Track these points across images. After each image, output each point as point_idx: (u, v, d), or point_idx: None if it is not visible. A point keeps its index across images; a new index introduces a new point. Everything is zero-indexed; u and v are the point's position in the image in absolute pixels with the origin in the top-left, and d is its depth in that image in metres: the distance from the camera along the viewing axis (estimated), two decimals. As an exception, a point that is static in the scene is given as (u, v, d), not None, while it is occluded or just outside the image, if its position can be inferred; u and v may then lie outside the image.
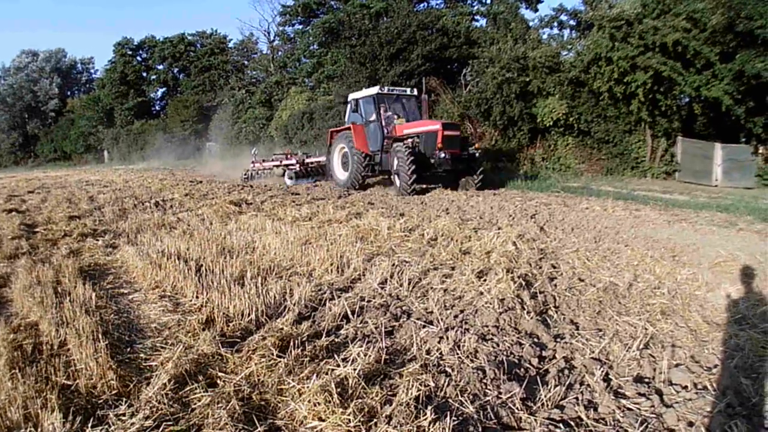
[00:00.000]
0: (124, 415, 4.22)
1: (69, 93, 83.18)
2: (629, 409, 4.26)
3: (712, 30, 21.58)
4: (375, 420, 4.02)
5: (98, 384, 4.74)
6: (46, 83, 78.12)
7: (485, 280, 7.36)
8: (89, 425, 4.06)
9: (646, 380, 4.73)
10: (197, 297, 7.10)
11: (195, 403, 4.40)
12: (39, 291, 7.40)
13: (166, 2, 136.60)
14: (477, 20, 42.36)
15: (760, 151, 23.57)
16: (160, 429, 4.00)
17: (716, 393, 4.40)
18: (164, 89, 77.46)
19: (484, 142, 28.35)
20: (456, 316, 6.19)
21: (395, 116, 21.72)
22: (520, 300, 6.64)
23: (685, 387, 4.55)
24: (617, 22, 23.22)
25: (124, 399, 4.51)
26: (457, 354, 5.16)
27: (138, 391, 4.62)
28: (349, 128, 21.84)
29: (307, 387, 4.40)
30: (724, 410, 4.14)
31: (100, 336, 5.54)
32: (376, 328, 5.83)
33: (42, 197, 21.00)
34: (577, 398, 4.38)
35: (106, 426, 4.07)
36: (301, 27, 53.02)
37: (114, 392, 4.65)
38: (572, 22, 29.80)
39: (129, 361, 5.38)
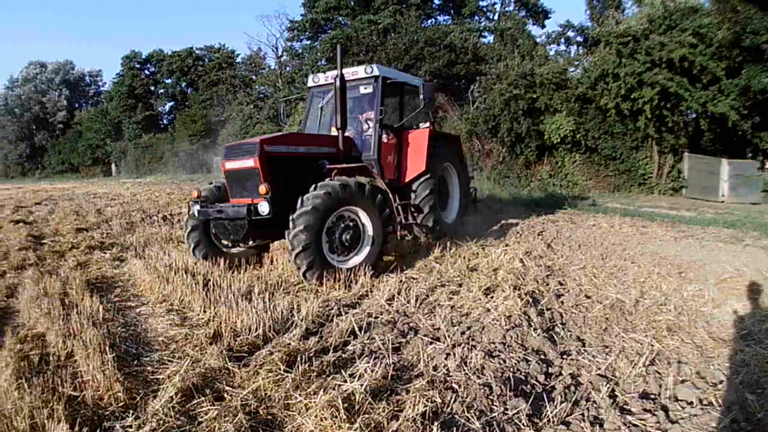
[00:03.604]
0: (130, 427, 4.26)
1: (77, 105, 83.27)
2: (635, 425, 4.26)
3: (719, 45, 21.67)
4: (381, 435, 3.99)
5: (105, 396, 4.79)
6: (55, 95, 78.20)
7: (492, 297, 7.40)
8: (95, 436, 4.05)
9: (652, 396, 4.74)
10: (205, 311, 7.16)
11: (202, 417, 4.44)
12: (46, 302, 7.45)
13: (173, 16, 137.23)
14: (484, 36, 42.44)
15: (767, 166, 23.56)
16: (167, 441, 3.98)
17: (722, 409, 4.41)
18: (172, 103, 77.53)
19: (491, 159, 28.24)
20: (463, 333, 6.21)
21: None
22: (527, 317, 6.65)
23: (691, 403, 4.56)
24: (624, 38, 23.29)
25: (131, 411, 4.54)
26: (464, 370, 5.17)
27: (145, 404, 4.66)
28: None
29: (314, 402, 4.42)
30: (729, 426, 4.16)
31: (107, 348, 5.59)
32: (383, 344, 5.84)
33: (49, 209, 21.06)
34: (583, 414, 4.39)
35: (113, 438, 4.07)
36: (309, 42, 53.18)
37: (121, 404, 4.70)
38: (579, 39, 29.98)
39: (136, 374, 5.43)
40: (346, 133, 10.83)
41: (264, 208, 8.81)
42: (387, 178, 11.38)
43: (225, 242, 10.43)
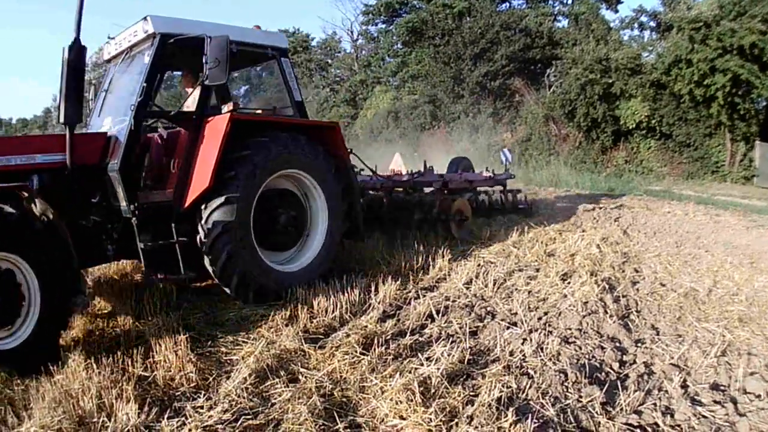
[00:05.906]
0: (202, 407, 4.40)
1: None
2: (704, 416, 4.30)
3: (787, 33, 21.12)
4: (456, 420, 4.12)
5: (176, 376, 4.99)
6: (132, 79, 78.90)
7: (569, 283, 7.48)
8: (165, 417, 4.28)
9: (722, 388, 4.77)
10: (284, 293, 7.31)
11: (275, 398, 4.58)
12: (118, 283, 7.77)
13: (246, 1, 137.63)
14: (559, 21, 41.74)
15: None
16: (239, 422, 4.17)
17: (789, 403, 4.43)
18: (246, 87, 77.96)
19: (568, 144, 28.11)
20: (540, 318, 6.32)
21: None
22: (603, 303, 6.73)
23: (759, 396, 4.59)
24: (696, 24, 22.75)
25: (203, 392, 4.72)
26: (540, 356, 5.29)
27: (217, 385, 4.84)
28: None
29: (390, 385, 4.54)
30: (795, 421, 4.18)
31: (180, 329, 5.81)
32: (460, 328, 5.97)
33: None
34: (655, 404, 4.45)
35: (183, 418, 4.26)
36: (384, 26, 52.65)
37: (192, 385, 4.88)
38: (652, 24, 29.41)
39: (209, 354, 5.63)
40: (112, 131, 7.21)
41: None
42: (161, 199, 7.12)
43: None
